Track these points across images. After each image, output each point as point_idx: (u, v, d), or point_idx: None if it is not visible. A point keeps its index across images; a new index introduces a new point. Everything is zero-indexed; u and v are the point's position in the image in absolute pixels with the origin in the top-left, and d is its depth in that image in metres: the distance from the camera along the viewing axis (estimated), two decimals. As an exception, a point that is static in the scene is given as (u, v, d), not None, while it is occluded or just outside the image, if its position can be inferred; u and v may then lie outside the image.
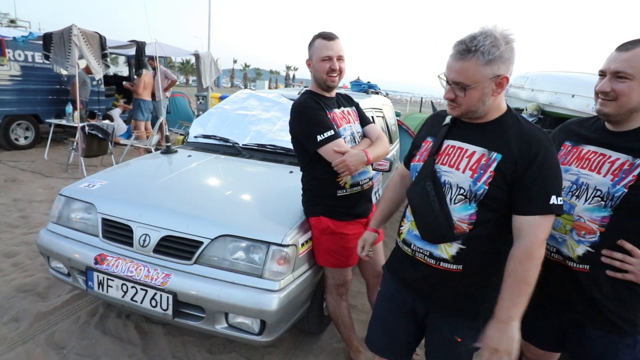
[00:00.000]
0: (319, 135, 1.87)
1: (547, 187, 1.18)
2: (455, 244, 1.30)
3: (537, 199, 1.18)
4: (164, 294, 1.93)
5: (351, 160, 1.85)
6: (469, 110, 1.26)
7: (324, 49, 1.91)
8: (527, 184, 1.19)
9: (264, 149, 3.05)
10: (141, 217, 2.09)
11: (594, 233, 1.33)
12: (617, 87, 1.25)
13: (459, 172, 1.28)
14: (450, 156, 1.32)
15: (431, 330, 1.45)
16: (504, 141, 1.24)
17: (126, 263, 2.01)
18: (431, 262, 1.35)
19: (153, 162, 2.95)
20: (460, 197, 1.27)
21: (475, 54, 1.17)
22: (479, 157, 1.26)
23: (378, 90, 5.19)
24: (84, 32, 5.34)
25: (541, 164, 1.18)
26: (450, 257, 1.31)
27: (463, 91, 1.22)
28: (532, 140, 1.21)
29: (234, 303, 1.86)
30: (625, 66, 1.23)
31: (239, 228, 2.00)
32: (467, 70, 1.19)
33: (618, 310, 1.32)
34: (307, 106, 1.94)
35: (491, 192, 1.23)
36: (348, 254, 2.06)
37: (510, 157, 1.21)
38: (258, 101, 3.62)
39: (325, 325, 2.65)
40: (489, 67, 1.18)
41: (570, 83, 5.25)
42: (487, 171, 1.23)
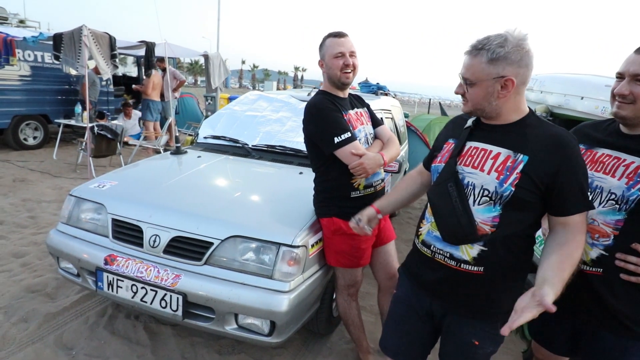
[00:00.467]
0: (336, 137, 1.86)
1: (583, 184, 1.21)
2: (477, 246, 1.28)
3: (577, 198, 1.20)
4: (174, 294, 1.93)
5: (368, 163, 1.85)
6: (476, 108, 1.28)
7: (336, 46, 1.91)
8: (564, 185, 1.19)
9: (274, 149, 3.05)
10: (151, 218, 2.09)
11: (608, 236, 1.32)
12: (636, 90, 1.24)
13: (483, 173, 1.27)
14: (474, 157, 1.31)
15: (447, 333, 1.43)
16: (529, 143, 1.23)
17: (136, 264, 2.01)
18: (452, 264, 1.33)
19: (163, 162, 2.96)
20: (485, 198, 1.26)
21: (481, 51, 1.20)
22: (504, 158, 1.25)
23: (387, 92, 5.18)
24: (93, 32, 5.38)
25: (572, 164, 1.19)
26: (472, 258, 1.29)
27: (469, 87, 1.26)
28: (559, 140, 1.21)
29: (244, 304, 1.85)
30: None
31: (249, 229, 1.99)
32: (472, 67, 1.23)
33: (631, 313, 1.31)
34: (324, 107, 1.93)
35: (518, 194, 1.21)
36: (360, 254, 2.05)
37: (537, 158, 1.20)
38: (267, 102, 3.62)
39: (334, 326, 2.64)
40: (493, 66, 1.19)
41: (579, 85, 5.21)
42: (514, 173, 1.22)
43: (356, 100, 2.17)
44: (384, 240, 2.21)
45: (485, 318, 1.34)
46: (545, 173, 1.19)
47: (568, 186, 1.19)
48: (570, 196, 1.20)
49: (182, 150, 3.09)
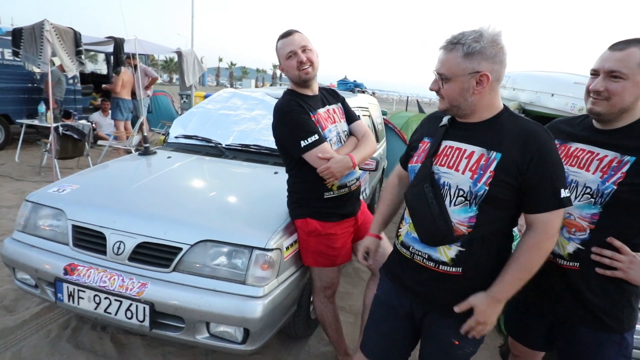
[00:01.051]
0: (302, 140, 1.79)
1: (555, 181, 1.18)
2: (455, 247, 1.27)
3: (546, 195, 1.18)
4: (140, 304, 1.82)
5: (336, 166, 1.79)
6: (452, 105, 1.26)
7: (285, 47, 1.85)
8: (534, 181, 1.18)
9: (248, 149, 2.95)
10: (115, 224, 1.97)
11: (584, 230, 1.33)
12: (611, 87, 1.25)
13: (458, 173, 1.25)
14: (449, 157, 1.29)
15: (428, 333, 1.42)
16: (502, 139, 1.22)
17: (99, 273, 1.89)
18: (430, 265, 1.32)
19: (130, 164, 2.82)
20: (461, 199, 1.25)
21: (456, 46, 1.19)
22: (478, 157, 1.23)
23: (364, 89, 5.15)
24: (56, 27, 5.11)
25: (544, 159, 1.17)
26: (450, 259, 1.28)
27: (444, 83, 1.24)
28: (531, 135, 1.19)
29: (215, 312, 1.77)
30: (620, 66, 1.23)
31: (220, 232, 1.90)
32: (447, 62, 1.21)
33: (606, 307, 1.32)
34: (290, 109, 1.86)
35: (492, 192, 1.20)
36: (336, 253, 2.00)
37: (510, 155, 1.19)
38: (242, 100, 3.52)
39: (313, 328, 2.58)
40: (468, 61, 1.18)
41: (549, 82, 5.35)
42: (487, 171, 1.20)
43: (330, 95, 2.10)
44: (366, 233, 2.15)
45: (465, 318, 1.31)
46: (518, 169, 1.18)
47: (538, 182, 1.17)
48: (540, 193, 1.18)
49: (151, 151, 2.95)
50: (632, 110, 1.27)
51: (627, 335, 1.33)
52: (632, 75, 1.22)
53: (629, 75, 1.22)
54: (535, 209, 1.20)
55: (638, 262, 1.25)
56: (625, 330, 1.32)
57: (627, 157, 1.26)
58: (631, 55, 1.22)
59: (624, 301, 1.32)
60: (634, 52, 1.22)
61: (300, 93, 1.94)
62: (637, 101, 1.25)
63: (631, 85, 1.23)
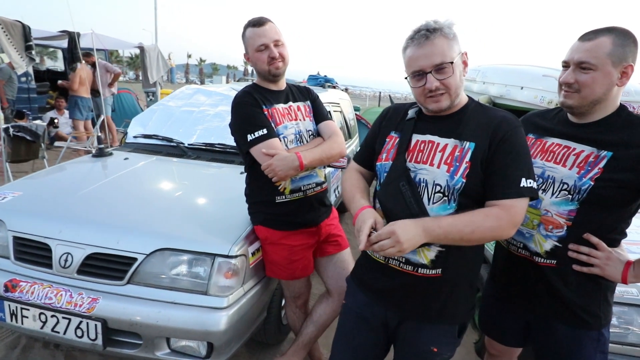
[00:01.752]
0: (249, 134, 1.68)
1: (516, 168, 1.11)
2: (435, 247, 1.20)
3: (506, 182, 1.11)
4: (91, 321, 1.66)
5: (279, 164, 1.64)
6: (457, 95, 1.18)
7: (257, 38, 1.71)
8: (497, 167, 1.12)
9: (212, 148, 2.80)
10: (62, 234, 1.79)
11: (562, 227, 1.30)
12: (581, 79, 1.22)
13: (433, 167, 1.18)
14: (423, 152, 1.22)
15: (404, 342, 1.33)
16: (474, 129, 1.17)
17: (44, 288, 1.72)
18: (408, 269, 1.24)
19: (82, 167, 2.61)
20: (439, 195, 1.18)
21: (440, 31, 1.13)
22: (452, 149, 1.18)
23: (335, 85, 5.06)
24: (3, 21, 4.74)
25: (508, 145, 1.12)
26: (429, 261, 1.21)
27: (444, 72, 1.14)
28: (501, 122, 1.15)
29: (175, 326, 1.64)
30: (589, 56, 1.20)
31: (179, 240, 1.77)
32: (440, 47, 1.13)
33: (583, 304, 1.30)
34: (241, 102, 1.74)
35: (470, 184, 1.14)
36: (294, 267, 1.86)
37: (483, 143, 1.14)
38: (206, 96, 3.35)
39: (285, 334, 2.47)
40: (455, 43, 1.16)
41: (518, 75, 5.44)
42: (463, 162, 1.15)
43: (299, 92, 1.95)
44: (332, 250, 2.00)
45: (443, 322, 1.27)
46: (487, 155, 1.13)
47: (498, 168, 1.12)
48: (499, 179, 1.12)
49: (106, 152, 2.75)
50: (605, 102, 1.24)
51: (605, 331, 1.32)
52: (601, 66, 1.18)
53: (598, 66, 1.19)
54: (492, 195, 1.12)
55: (614, 258, 1.23)
56: (602, 326, 1.31)
57: (604, 152, 1.22)
58: (600, 45, 1.18)
59: (601, 297, 1.31)
60: (603, 41, 1.18)
61: (262, 87, 1.81)
62: (609, 92, 1.22)
63: (601, 76, 1.19)
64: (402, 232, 1.06)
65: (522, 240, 1.38)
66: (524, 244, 1.38)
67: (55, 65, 9.85)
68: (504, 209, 1.09)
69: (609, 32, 1.19)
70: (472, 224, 1.08)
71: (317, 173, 1.89)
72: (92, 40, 6.00)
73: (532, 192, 1.11)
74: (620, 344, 1.69)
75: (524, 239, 1.38)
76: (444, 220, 1.10)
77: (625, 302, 1.71)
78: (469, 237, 1.09)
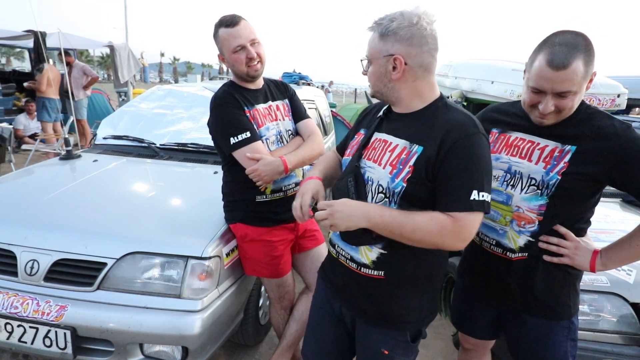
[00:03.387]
0: (232, 137, 1.65)
1: (467, 180, 1.04)
2: (376, 249, 1.18)
3: (455, 194, 1.04)
4: (59, 330, 1.62)
5: (264, 169, 1.64)
6: (375, 90, 1.20)
7: (232, 39, 1.65)
8: (446, 176, 1.05)
9: (185, 148, 2.76)
10: (26, 240, 1.74)
11: (533, 222, 1.31)
12: (561, 104, 1.19)
13: (380, 167, 1.17)
14: (376, 150, 1.21)
15: (358, 342, 1.33)
16: (427, 132, 1.11)
17: (9, 297, 1.66)
18: (353, 267, 1.24)
19: (49, 170, 2.53)
20: (381, 195, 1.15)
21: (377, 27, 1.13)
22: (400, 150, 1.14)
23: (309, 82, 5.05)
24: (-39, 20, 4.51)
25: (459, 153, 1.04)
26: (371, 262, 1.20)
27: (369, 66, 1.18)
28: (454, 126, 1.07)
29: (148, 331, 1.61)
30: (569, 86, 1.16)
31: (150, 242, 1.74)
32: (369, 43, 1.16)
33: (554, 294, 1.32)
34: (223, 103, 1.70)
35: (410, 190, 1.10)
36: (276, 262, 1.85)
37: (431, 148, 1.08)
38: (178, 97, 3.28)
39: (263, 335, 2.46)
40: (383, 43, 1.11)
41: (489, 70, 5.58)
42: (406, 166, 1.11)
43: (277, 90, 1.92)
44: (309, 245, 2.01)
45: (392, 325, 1.23)
46: (435, 162, 1.06)
47: (447, 178, 1.05)
48: (448, 190, 1.05)
49: (74, 155, 2.66)
50: None
51: (574, 319, 1.35)
52: (579, 88, 1.17)
53: (579, 90, 1.17)
54: (441, 206, 1.05)
55: (583, 247, 1.26)
56: (572, 315, 1.34)
57: (568, 146, 1.24)
58: (576, 71, 1.14)
59: (570, 287, 1.33)
60: (577, 66, 1.14)
61: (240, 86, 1.78)
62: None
63: (580, 95, 1.20)
64: (339, 207, 1.09)
65: (496, 237, 1.38)
66: (497, 240, 1.38)
67: (22, 66, 9.47)
68: (452, 220, 1.03)
69: (576, 51, 1.14)
70: (414, 223, 1.04)
71: (296, 173, 1.89)
72: (60, 39, 5.78)
73: (481, 207, 1.03)
74: (591, 330, 1.73)
75: (497, 235, 1.38)
76: (387, 211, 1.08)
77: (595, 290, 1.75)
78: (410, 235, 1.05)
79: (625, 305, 1.74)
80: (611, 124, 1.20)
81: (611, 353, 1.68)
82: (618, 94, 3.02)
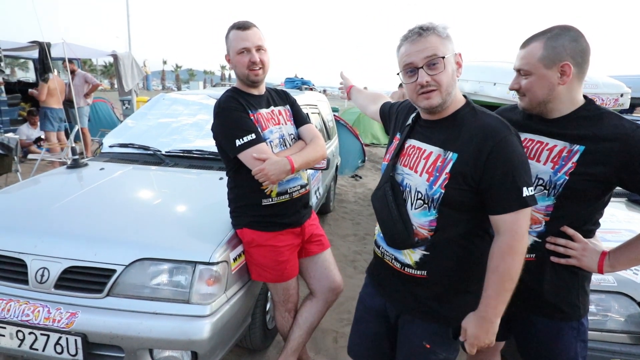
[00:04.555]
0: (237, 139, 1.67)
1: (516, 179, 1.09)
2: (419, 250, 1.23)
3: (507, 195, 1.09)
4: (70, 336, 1.63)
5: (271, 168, 1.66)
6: (448, 93, 1.16)
7: (240, 41, 1.71)
8: (492, 181, 1.10)
9: (191, 154, 2.78)
10: (37, 248, 1.76)
11: (540, 223, 1.31)
12: (523, 84, 1.29)
13: (416, 174, 1.22)
14: (411, 157, 1.26)
15: (401, 335, 1.38)
16: (460, 138, 1.15)
17: (20, 305, 1.68)
18: (397, 267, 1.30)
19: (56, 179, 2.55)
20: (420, 202, 1.21)
21: (433, 30, 1.15)
22: (435, 158, 1.19)
23: (312, 87, 5.07)
24: (-32, 32, 4.59)
25: (501, 156, 1.10)
26: (414, 263, 1.25)
27: (436, 67, 1.13)
28: (488, 132, 1.12)
29: (158, 337, 1.62)
30: (524, 63, 1.27)
31: (158, 249, 1.75)
32: (433, 43, 1.13)
33: (563, 296, 1.32)
34: (227, 107, 1.73)
35: (449, 195, 1.15)
36: (282, 267, 1.86)
37: (467, 155, 1.13)
38: (183, 106, 3.32)
39: (270, 339, 2.47)
40: (448, 42, 1.16)
41: (491, 72, 5.57)
42: (443, 173, 1.15)
43: (278, 96, 1.97)
44: (315, 250, 2.02)
45: (435, 321, 1.28)
46: (475, 169, 1.11)
47: (496, 182, 1.10)
48: (500, 194, 1.10)
49: (81, 163, 2.69)
50: (555, 102, 1.26)
51: (584, 320, 1.34)
52: (535, 70, 1.24)
53: (532, 71, 1.25)
54: (496, 210, 1.11)
55: (590, 249, 1.26)
56: (581, 316, 1.33)
57: (577, 146, 1.23)
58: (532, 51, 1.24)
59: (579, 288, 1.32)
60: (535, 47, 1.24)
61: (244, 91, 1.82)
62: (553, 93, 1.24)
63: (537, 80, 1.24)
64: (474, 340, 1.17)
65: None
66: None
67: (26, 77, 9.55)
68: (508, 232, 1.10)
69: (542, 35, 1.24)
70: (506, 276, 1.11)
71: (301, 175, 1.92)
72: (64, 49, 5.86)
73: (533, 201, 1.11)
74: (599, 330, 1.73)
75: None
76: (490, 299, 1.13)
77: (603, 290, 1.75)
78: (514, 282, 1.12)
79: (632, 304, 1.74)
80: (620, 124, 1.19)
81: (620, 353, 1.68)
82: (621, 94, 3.02)
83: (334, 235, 4.38)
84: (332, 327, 2.72)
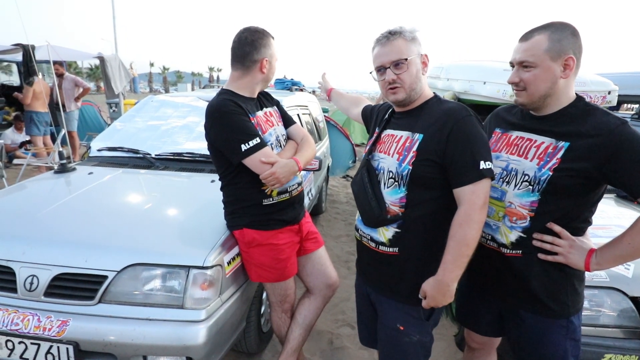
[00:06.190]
0: (243, 144, 1.64)
1: (474, 154, 1.22)
2: (392, 228, 1.35)
3: (466, 168, 1.22)
4: (62, 345, 1.60)
5: (281, 171, 1.68)
6: (412, 89, 1.33)
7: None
8: (452, 156, 1.24)
9: (181, 157, 2.75)
10: (25, 255, 1.71)
11: (525, 218, 1.32)
12: (524, 77, 1.29)
13: (388, 156, 1.37)
14: (386, 144, 1.41)
15: (379, 318, 1.48)
16: (426, 122, 1.32)
17: (9, 314, 1.64)
18: (372, 246, 1.42)
19: (44, 184, 2.50)
20: (391, 180, 1.35)
21: (400, 34, 1.32)
22: (404, 140, 1.34)
23: (302, 87, 5.06)
24: (-51, 35, 4.47)
25: (460, 134, 1.24)
26: (387, 240, 1.37)
27: (400, 67, 1.32)
28: (449, 114, 1.28)
29: (151, 343, 1.59)
30: (527, 55, 1.27)
31: (150, 254, 1.72)
32: (398, 47, 1.31)
33: (551, 293, 1.33)
34: (228, 111, 1.67)
35: (416, 171, 1.29)
36: (282, 265, 1.86)
37: (431, 135, 1.28)
38: (172, 107, 3.28)
39: (266, 342, 2.45)
40: (413, 45, 1.33)
41: (481, 71, 5.62)
42: (410, 152, 1.31)
43: (265, 98, 1.96)
44: (311, 247, 2.03)
45: (406, 301, 1.38)
46: (437, 146, 1.25)
47: (456, 157, 1.23)
48: (459, 167, 1.23)
49: (69, 168, 2.64)
50: (554, 95, 1.27)
51: (574, 319, 1.34)
52: (540, 62, 1.24)
53: (538, 63, 1.25)
54: (457, 183, 1.24)
55: (577, 246, 1.26)
56: (571, 314, 1.33)
57: (562, 142, 1.25)
58: (537, 43, 1.25)
59: (568, 285, 1.33)
60: (540, 39, 1.24)
61: (238, 94, 1.77)
62: (555, 86, 1.25)
63: (542, 72, 1.25)
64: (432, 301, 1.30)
65: (490, 232, 1.41)
66: (491, 235, 1.41)
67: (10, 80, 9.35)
68: (467, 202, 1.22)
69: (545, 29, 1.25)
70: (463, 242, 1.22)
71: (297, 175, 1.91)
72: (49, 52, 5.74)
73: (491, 173, 1.23)
74: (592, 326, 1.74)
75: (491, 230, 1.41)
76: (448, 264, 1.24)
77: (595, 285, 1.77)
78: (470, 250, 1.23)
79: (625, 299, 1.76)
80: (606, 120, 1.20)
81: (613, 347, 1.70)
82: (609, 91, 3.06)
83: (327, 236, 4.37)
84: (327, 329, 2.71)
